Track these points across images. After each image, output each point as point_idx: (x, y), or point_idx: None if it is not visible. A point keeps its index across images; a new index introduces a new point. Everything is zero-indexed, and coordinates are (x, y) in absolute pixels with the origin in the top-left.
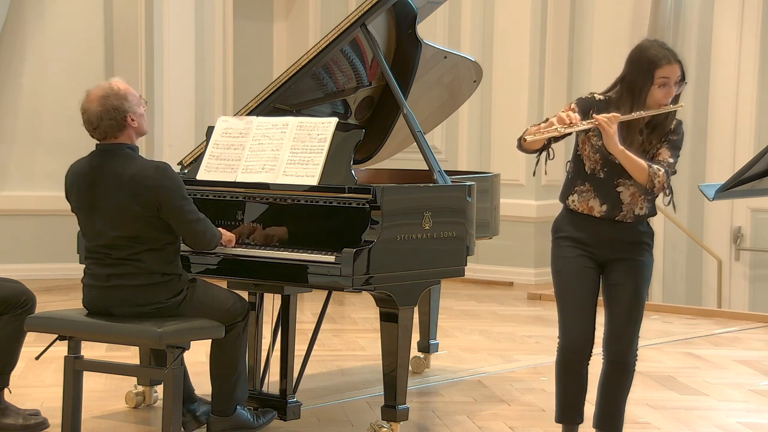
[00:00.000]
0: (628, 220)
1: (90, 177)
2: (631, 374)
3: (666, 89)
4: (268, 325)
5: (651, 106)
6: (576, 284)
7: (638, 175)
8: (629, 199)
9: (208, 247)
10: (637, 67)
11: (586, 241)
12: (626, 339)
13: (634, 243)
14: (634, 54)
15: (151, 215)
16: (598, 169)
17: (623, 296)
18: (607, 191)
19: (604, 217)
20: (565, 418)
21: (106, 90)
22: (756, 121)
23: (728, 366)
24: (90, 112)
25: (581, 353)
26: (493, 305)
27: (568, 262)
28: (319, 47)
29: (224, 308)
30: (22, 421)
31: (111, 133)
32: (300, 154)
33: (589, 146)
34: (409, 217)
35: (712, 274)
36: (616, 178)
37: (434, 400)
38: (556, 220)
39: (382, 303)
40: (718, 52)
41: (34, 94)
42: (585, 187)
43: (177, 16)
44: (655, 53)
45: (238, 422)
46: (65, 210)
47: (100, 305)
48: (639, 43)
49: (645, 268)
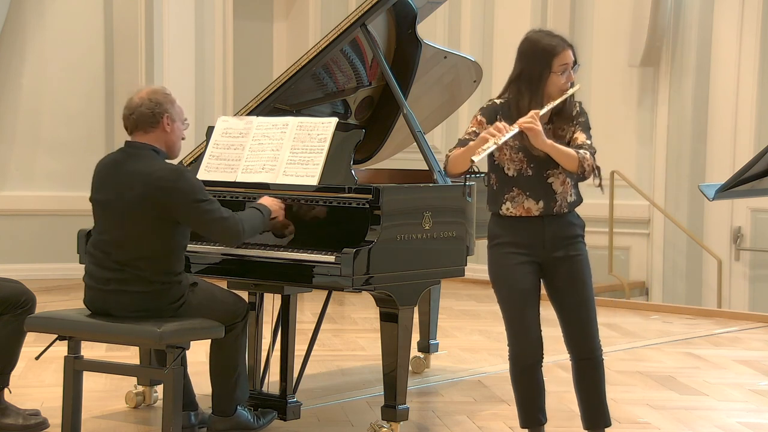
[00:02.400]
0: (564, 210)
1: (111, 171)
2: (601, 367)
3: (566, 75)
4: (268, 325)
5: (552, 94)
6: (518, 292)
7: (569, 163)
8: (561, 188)
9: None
10: (533, 59)
11: (524, 244)
12: (588, 336)
13: (570, 237)
14: (526, 47)
15: (160, 217)
16: (524, 168)
17: (570, 295)
18: (539, 186)
19: (542, 214)
20: (529, 422)
21: (158, 88)
22: (756, 121)
23: (728, 366)
24: (132, 100)
25: (533, 358)
26: (493, 305)
27: (508, 270)
28: (319, 47)
29: (224, 309)
30: (22, 421)
31: (142, 125)
32: (300, 154)
33: (508, 150)
34: (409, 217)
35: (712, 274)
36: (544, 170)
37: (434, 400)
38: (489, 227)
39: (382, 303)
40: (718, 52)
41: (34, 94)
42: (515, 192)
43: (177, 16)
44: (549, 42)
45: (239, 422)
46: (65, 210)
47: (98, 306)
48: (526, 36)
49: (584, 262)
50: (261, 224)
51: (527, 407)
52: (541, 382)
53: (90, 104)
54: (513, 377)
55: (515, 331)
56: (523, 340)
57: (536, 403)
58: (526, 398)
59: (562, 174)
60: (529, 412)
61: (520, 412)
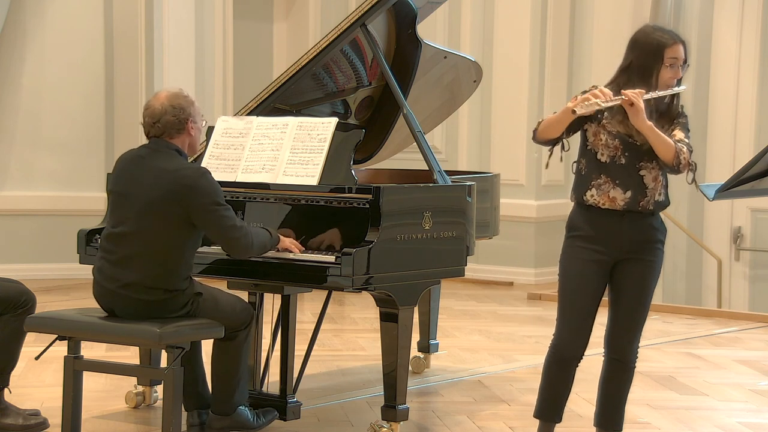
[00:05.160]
0: (650, 208)
1: (135, 165)
2: (631, 373)
3: (674, 69)
4: (268, 325)
5: (661, 88)
6: (581, 288)
7: (665, 151)
8: (652, 183)
9: (247, 255)
10: (645, 50)
11: (601, 241)
12: (629, 338)
13: (648, 241)
14: (639, 38)
15: (178, 216)
16: (618, 156)
17: (630, 298)
18: (630, 176)
19: (627, 207)
20: (544, 415)
21: (177, 91)
22: (756, 121)
23: (728, 366)
24: (154, 108)
25: (573, 355)
26: (493, 305)
27: (578, 263)
28: (319, 47)
29: (229, 318)
30: (22, 421)
31: (168, 132)
32: (300, 154)
33: (605, 135)
34: (409, 217)
35: (712, 274)
36: (638, 161)
37: (434, 400)
38: (570, 218)
39: (382, 303)
40: (718, 52)
41: (34, 94)
42: (602, 180)
43: (177, 16)
44: (662, 35)
45: (238, 421)
46: (65, 210)
47: (106, 302)
48: (640, 28)
49: (655, 270)
50: (268, 245)
51: (549, 400)
52: (571, 380)
53: (90, 104)
54: (546, 366)
55: (566, 321)
56: (571, 333)
57: (559, 399)
58: (551, 391)
59: (656, 169)
60: (550, 406)
61: (539, 402)
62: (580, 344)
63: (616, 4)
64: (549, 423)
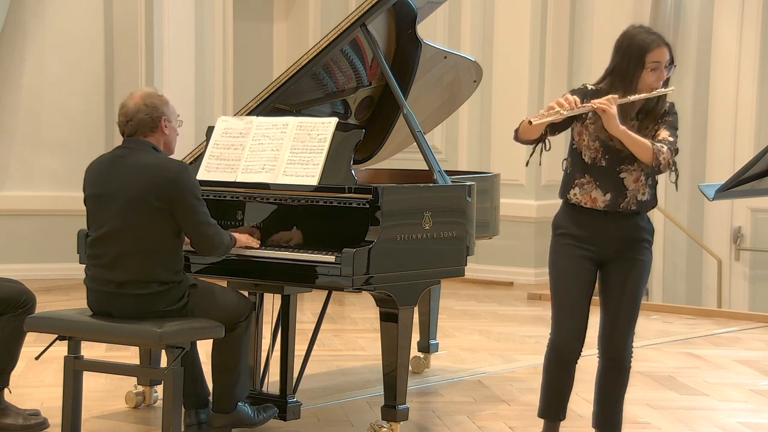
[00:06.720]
0: (632, 208)
1: (110, 166)
2: (626, 372)
3: (657, 73)
4: (268, 325)
5: (643, 91)
6: (572, 284)
7: (642, 153)
8: (633, 185)
9: (213, 254)
10: (627, 54)
11: (587, 239)
12: (622, 338)
13: (635, 240)
14: (622, 42)
15: (161, 209)
16: (599, 158)
17: (620, 296)
18: (610, 179)
19: (607, 209)
20: (548, 414)
21: (150, 91)
22: (756, 121)
23: (728, 366)
24: (128, 106)
25: (571, 352)
26: (493, 305)
27: (566, 260)
28: (319, 47)
29: (227, 309)
30: (22, 421)
31: (141, 130)
32: (300, 154)
33: (587, 135)
34: (409, 217)
35: (712, 274)
36: (618, 164)
37: (434, 400)
38: (556, 216)
39: (382, 303)
40: (718, 52)
41: (34, 94)
42: (585, 179)
43: (177, 16)
44: (644, 38)
45: (239, 418)
46: (65, 210)
47: (101, 307)
48: (625, 30)
49: (644, 268)
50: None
51: (552, 399)
52: (572, 378)
53: (90, 104)
54: (546, 366)
55: (561, 321)
56: (563, 332)
57: (562, 398)
58: (553, 390)
59: (637, 171)
60: (552, 405)
61: (542, 402)
62: (578, 339)
63: (616, 4)
64: (554, 422)
